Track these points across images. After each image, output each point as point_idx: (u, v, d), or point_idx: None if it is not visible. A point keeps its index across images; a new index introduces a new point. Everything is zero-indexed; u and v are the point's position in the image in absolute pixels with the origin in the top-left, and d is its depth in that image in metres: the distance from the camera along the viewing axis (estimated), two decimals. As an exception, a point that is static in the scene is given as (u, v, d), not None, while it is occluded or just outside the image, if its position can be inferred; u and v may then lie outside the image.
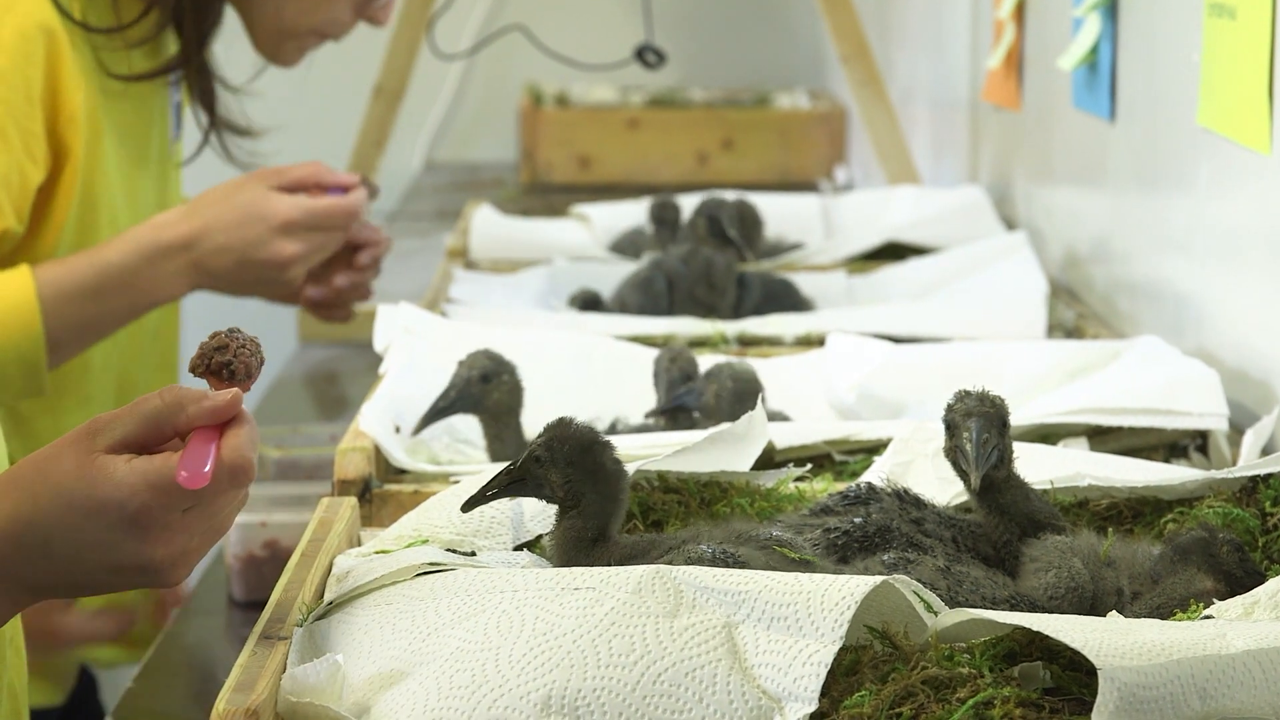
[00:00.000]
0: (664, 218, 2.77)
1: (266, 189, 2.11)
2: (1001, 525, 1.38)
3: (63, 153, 2.06)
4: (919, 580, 1.27)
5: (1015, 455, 1.40)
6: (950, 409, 1.39)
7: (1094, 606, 1.30)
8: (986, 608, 1.27)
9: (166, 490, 1.18)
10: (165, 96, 2.29)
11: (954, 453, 1.39)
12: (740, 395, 1.81)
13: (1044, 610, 1.28)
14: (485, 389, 1.82)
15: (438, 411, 1.81)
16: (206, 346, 1.25)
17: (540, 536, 1.40)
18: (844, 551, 1.33)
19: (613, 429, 1.92)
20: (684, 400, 1.87)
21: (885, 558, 1.31)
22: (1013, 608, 1.28)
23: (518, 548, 1.39)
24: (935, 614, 1.16)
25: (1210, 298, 1.99)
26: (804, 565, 1.29)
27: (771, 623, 1.11)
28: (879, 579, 1.13)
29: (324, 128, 4.40)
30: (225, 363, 1.23)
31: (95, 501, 1.19)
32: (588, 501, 1.34)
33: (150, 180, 2.26)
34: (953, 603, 1.26)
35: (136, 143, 2.21)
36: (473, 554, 1.35)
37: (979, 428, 1.36)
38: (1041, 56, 2.77)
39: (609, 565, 1.29)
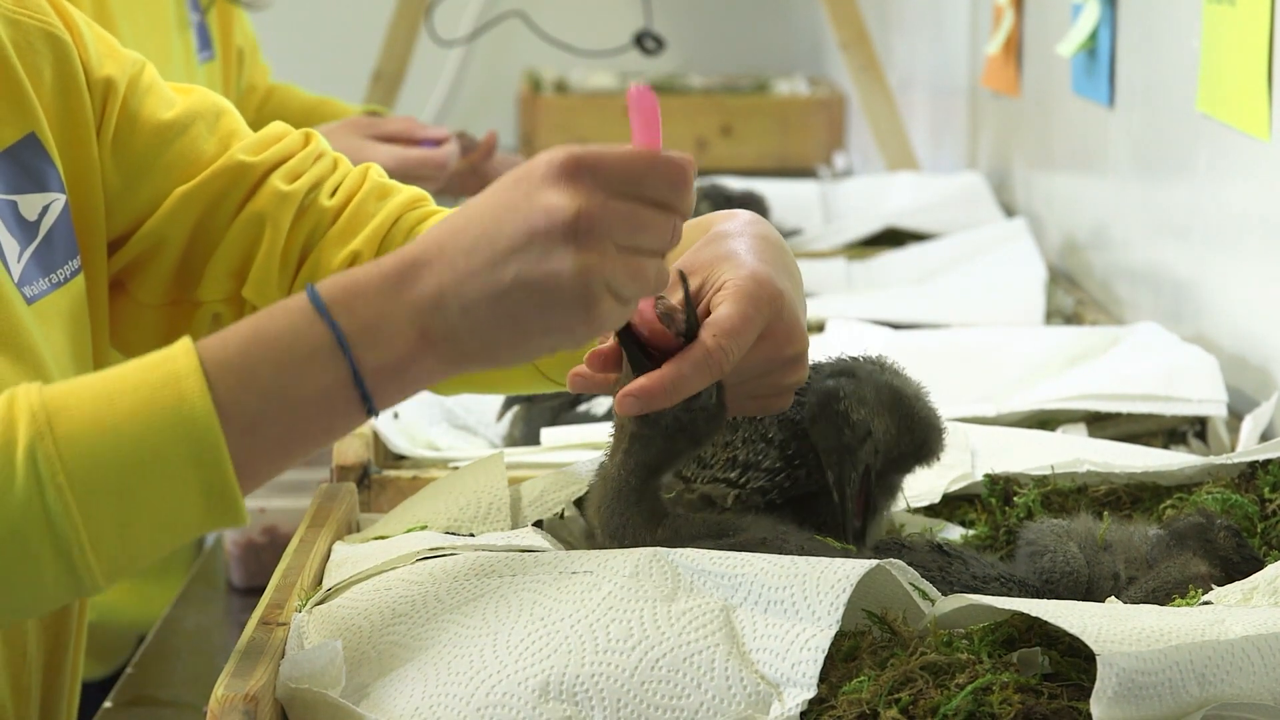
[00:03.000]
0: None
1: (362, 138, 2.15)
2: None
3: None
4: (912, 561, 1.27)
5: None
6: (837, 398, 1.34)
7: (1089, 591, 1.30)
8: (978, 589, 1.27)
9: (595, 152, 1.16)
10: (183, 16, 2.34)
11: (830, 450, 1.34)
12: None
13: (1037, 593, 1.28)
14: None
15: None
16: None
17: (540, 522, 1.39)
18: None
19: (609, 414, 1.92)
20: None
21: (878, 542, 1.31)
22: (1004, 588, 1.28)
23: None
24: (932, 602, 1.16)
25: (1209, 284, 1.99)
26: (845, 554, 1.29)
27: (769, 606, 1.11)
28: (873, 563, 1.13)
29: (323, 113, 4.39)
30: None
31: (524, 169, 1.18)
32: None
33: None
34: (944, 581, 1.26)
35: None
36: (471, 536, 1.35)
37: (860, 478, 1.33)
38: (1041, 42, 2.76)
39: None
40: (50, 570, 1.11)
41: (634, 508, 1.29)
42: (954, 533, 1.47)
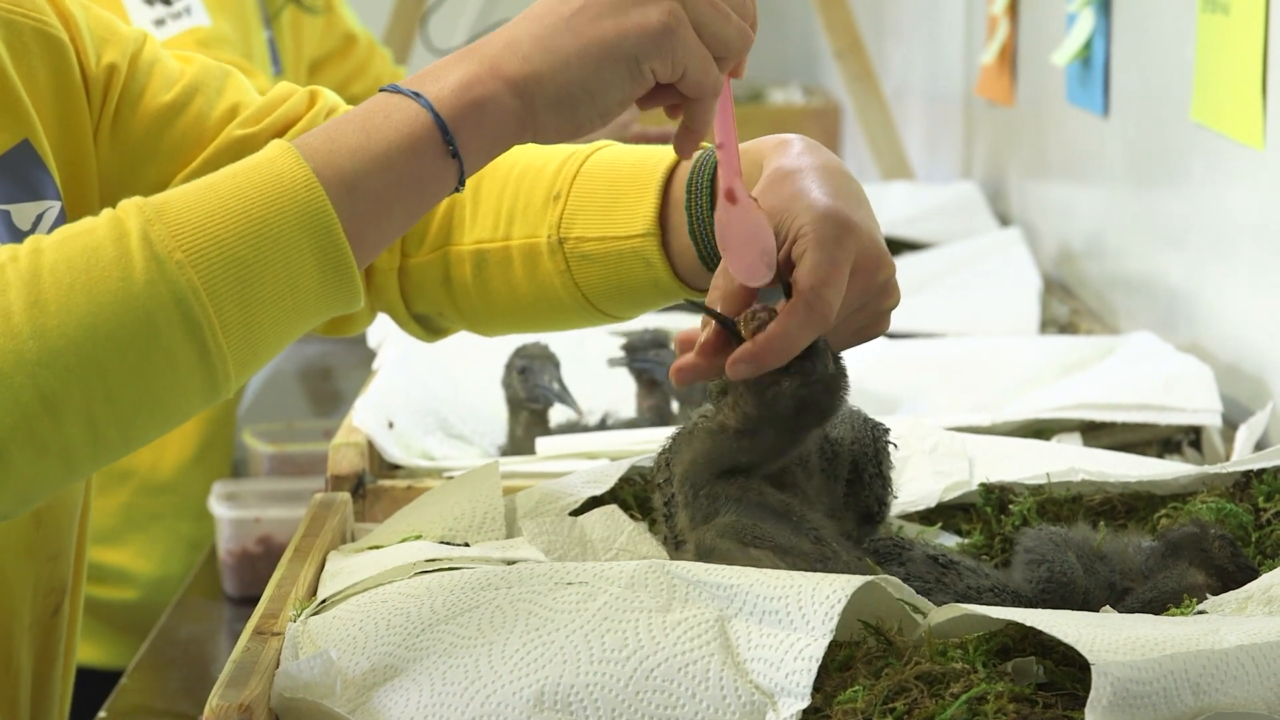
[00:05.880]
0: None
1: None
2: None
3: None
4: (908, 571, 1.27)
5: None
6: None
7: (1086, 601, 1.30)
8: (974, 598, 1.27)
9: None
10: (261, 36, 2.46)
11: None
12: None
13: (1034, 603, 1.28)
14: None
15: (560, 395, 1.89)
16: None
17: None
18: None
19: (603, 424, 1.92)
20: (649, 368, 1.90)
21: (876, 545, 1.31)
22: (999, 598, 1.28)
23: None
24: (924, 615, 1.16)
25: (1204, 293, 1.99)
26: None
27: (763, 616, 1.11)
28: (868, 578, 1.13)
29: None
30: None
31: None
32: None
33: None
34: (940, 591, 1.26)
35: None
36: (466, 545, 1.35)
37: None
38: (1035, 52, 2.77)
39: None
40: (184, 357, 1.09)
41: (725, 470, 1.29)
42: (949, 540, 1.47)
